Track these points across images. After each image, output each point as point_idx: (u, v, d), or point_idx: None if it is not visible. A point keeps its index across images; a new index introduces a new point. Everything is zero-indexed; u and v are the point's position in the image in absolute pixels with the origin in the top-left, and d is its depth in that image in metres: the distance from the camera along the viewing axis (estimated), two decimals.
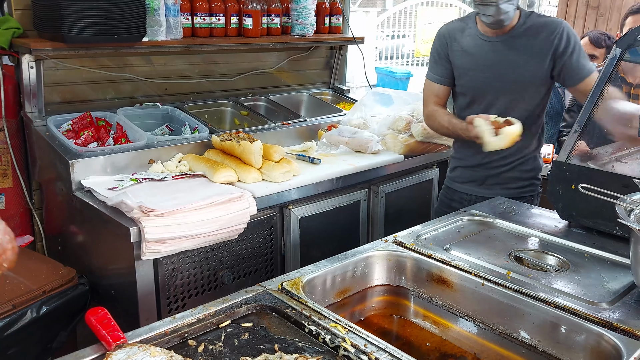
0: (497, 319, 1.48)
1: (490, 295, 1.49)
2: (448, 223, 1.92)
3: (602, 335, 1.29)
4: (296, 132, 2.93)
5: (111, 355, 1.11)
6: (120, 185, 2.17)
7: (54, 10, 2.26)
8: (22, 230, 2.62)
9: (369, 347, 1.20)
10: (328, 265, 1.58)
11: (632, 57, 1.91)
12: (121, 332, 1.17)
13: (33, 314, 1.98)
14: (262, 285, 1.44)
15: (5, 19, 2.44)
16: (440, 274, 1.60)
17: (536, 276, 1.56)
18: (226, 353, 1.20)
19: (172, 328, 1.25)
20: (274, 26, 3.06)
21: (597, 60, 3.49)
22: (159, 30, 2.57)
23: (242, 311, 1.34)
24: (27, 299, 1.99)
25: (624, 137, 2.05)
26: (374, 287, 1.68)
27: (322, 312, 1.32)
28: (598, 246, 1.74)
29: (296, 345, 1.23)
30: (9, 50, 2.43)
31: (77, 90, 2.72)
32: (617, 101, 2.01)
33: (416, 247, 1.70)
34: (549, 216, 1.99)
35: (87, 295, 2.16)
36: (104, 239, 2.20)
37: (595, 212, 1.80)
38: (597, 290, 1.48)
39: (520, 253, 1.70)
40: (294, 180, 2.39)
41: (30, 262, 2.24)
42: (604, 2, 5.22)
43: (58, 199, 2.44)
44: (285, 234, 2.42)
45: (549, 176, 1.92)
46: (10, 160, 2.54)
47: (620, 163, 1.98)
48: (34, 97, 2.48)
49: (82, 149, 2.29)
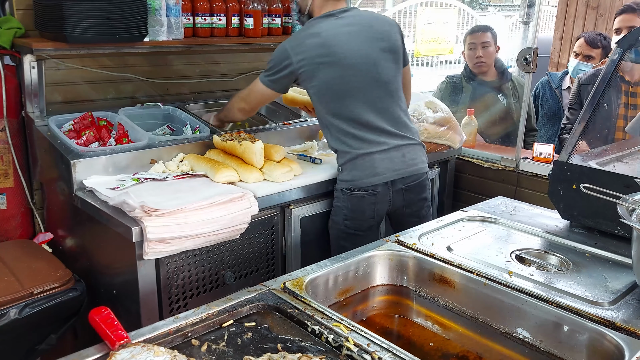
0: (499, 319, 1.48)
1: (492, 295, 1.50)
2: (450, 222, 1.92)
3: (604, 334, 1.30)
4: (297, 132, 2.93)
5: (115, 355, 1.11)
6: (122, 185, 2.17)
7: (55, 10, 2.26)
8: (24, 230, 2.62)
9: (372, 347, 1.20)
10: (330, 265, 1.58)
11: (633, 57, 1.92)
12: (125, 331, 1.17)
13: (15, 315, 1.98)
14: (265, 285, 1.45)
15: (6, 19, 2.44)
16: (442, 273, 1.61)
17: (538, 276, 1.56)
18: (229, 352, 1.20)
19: (176, 328, 1.25)
20: (274, 26, 3.06)
21: (594, 60, 3.51)
22: (160, 31, 2.57)
23: (245, 311, 1.35)
24: (11, 299, 1.99)
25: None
26: (376, 287, 1.68)
27: (324, 311, 1.33)
28: (599, 246, 1.74)
29: (299, 344, 1.23)
30: (11, 50, 2.43)
31: (79, 90, 2.72)
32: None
33: (418, 246, 1.71)
34: (550, 216, 1.99)
35: (81, 300, 2.16)
36: (105, 238, 2.20)
37: (596, 212, 1.81)
38: (599, 290, 1.48)
39: (522, 253, 1.71)
40: (295, 180, 2.40)
41: (35, 260, 2.25)
42: (604, 3, 5.23)
43: (59, 199, 2.44)
44: (287, 233, 2.42)
45: (550, 176, 1.93)
46: (11, 160, 2.54)
47: (622, 163, 1.99)
48: (36, 96, 2.49)
49: (84, 148, 2.29)
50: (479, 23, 9.55)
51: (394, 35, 2.43)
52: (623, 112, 3.08)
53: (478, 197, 2.99)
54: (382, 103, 2.38)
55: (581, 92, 3.37)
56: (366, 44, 2.35)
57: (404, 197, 2.43)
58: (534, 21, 3.08)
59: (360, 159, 2.34)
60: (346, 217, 2.36)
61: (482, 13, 12.53)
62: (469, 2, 12.16)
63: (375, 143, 2.35)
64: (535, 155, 3.03)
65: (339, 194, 2.38)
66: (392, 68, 2.41)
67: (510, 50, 7.13)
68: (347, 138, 2.35)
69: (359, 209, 2.34)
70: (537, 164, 3.01)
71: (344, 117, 2.34)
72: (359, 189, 2.33)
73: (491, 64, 3.57)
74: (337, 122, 2.35)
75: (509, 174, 3.12)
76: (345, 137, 2.35)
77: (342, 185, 2.37)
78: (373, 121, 2.35)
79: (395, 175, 2.37)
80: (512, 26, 10.34)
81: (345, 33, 2.33)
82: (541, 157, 3.01)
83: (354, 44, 2.32)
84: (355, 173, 2.34)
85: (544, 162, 2.98)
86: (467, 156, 3.31)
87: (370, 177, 2.33)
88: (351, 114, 2.33)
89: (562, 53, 5.56)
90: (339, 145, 2.37)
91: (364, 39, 2.35)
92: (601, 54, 3.53)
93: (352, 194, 2.34)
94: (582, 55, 3.53)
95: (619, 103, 3.07)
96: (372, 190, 2.34)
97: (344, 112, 2.34)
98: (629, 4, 3.31)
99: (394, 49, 2.41)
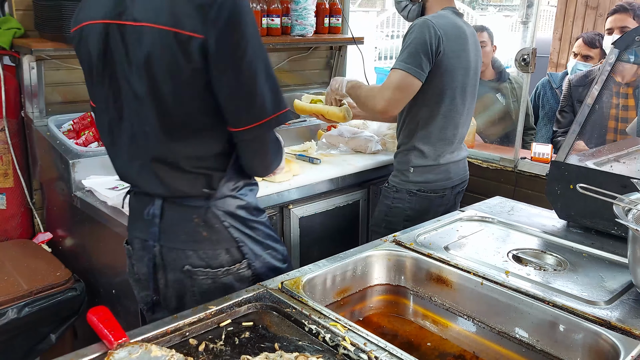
0: (495, 318, 1.49)
1: (489, 295, 1.50)
2: (447, 222, 1.93)
3: (600, 334, 1.30)
4: (296, 132, 2.94)
5: (113, 354, 1.11)
6: (121, 185, 2.17)
7: (54, 10, 2.27)
8: (23, 230, 2.63)
9: (369, 346, 1.20)
10: (328, 264, 1.59)
11: (630, 57, 1.92)
12: (123, 331, 1.17)
13: (14, 315, 1.99)
14: (263, 285, 1.45)
15: (6, 19, 2.45)
16: (440, 273, 1.61)
17: (535, 275, 1.57)
18: (227, 352, 1.21)
19: (173, 327, 1.26)
20: (273, 26, 3.07)
21: (593, 60, 3.51)
22: None
23: (243, 310, 1.35)
24: (11, 299, 2.00)
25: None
26: (374, 287, 1.69)
27: (322, 311, 1.33)
28: (596, 246, 1.75)
29: (296, 344, 1.24)
30: (10, 50, 2.44)
31: (78, 90, 2.72)
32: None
33: (415, 246, 1.71)
34: (547, 216, 2.00)
35: (80, 300, 2.17)
36: (104, 238, 2.20)
37: (593, 212, 1.81)
38: (596, 290, 1.49)
39: (519, 252, 1.71)
40: (294, 180, 2.40)
41: (35, 260, 2.26)
42: (603, 3, 5.23)
43: (59, 199, 2.45)
44: (285, 233, 2.43)
45: (548, 176, 1.93)
46: (11, 160, 2.54)
47: (619, 163, 1.99)
48: (35, 97, 2.49)
49: (83, 149, 2.30)
50: (479, 23, 9.56)
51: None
52: (614, 113, 3.09)
53: (476, 197, 2.99)
54: (469, 113, 2.40)
55: (572, 93, 3.37)
56: (475, 50, 2.32)
57: (456, 201, 2.48)
58: (532, 21, 3.08)
59: (438, 165, 2.33)
60: (408, 217, 2.33)
61: (482, 13, 12.53)
62: (469, 2, 12.16)
63: (456, 151, 2.37)
64: (534, 155, 3.03)
65: (404, 195, 2.33)
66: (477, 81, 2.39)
67: (510, 50, 7.13)
68: (433, 136, 2.28)
69: (425, 210, 2.33)
70: (535, 164, 3.02)
71: (442, 114, 2.27)
72: (431, 191, 2.33)
73: (488, 64, 3.57)
74: (433, 118, 2.26)
75: (507, 174, 3.13)
76: (433, 134, 2.28)
77: (412, 187, 2.33)
78: (461, 127, 2.35)
79: (459, 181, 2.43)
80: (512, 26, 10.34)
81: (466, 33, 2.28)
82: (539, 157, 3.01)
83: (472, 47, 2.30)
84: (428, 176, 2.32)
85: (542, 162, 2.98)
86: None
87: (445, 181, 2.35)
88: (449, 112, 2.28)
89: (562, 53, 5.56)
90: (420, 143, 2.30)
91: (474, 45, 2.32)
92: (600, 54, 3.53)
93: (423, 195, 2.33)
94: (581, 55, 3.53)
95: (614, 104, 3.07)
96: (442, 192, 2.35)
97: (443, 110, 2.26)
98: (621, 4, 3.30)
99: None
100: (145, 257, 1.58)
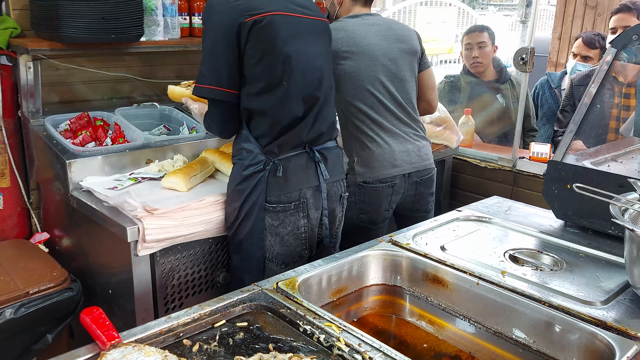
0: (492, 318, 1.48)
1: (485, 295, 1.50)
2: (443, 222, 1.92)
3: (596, 334, 1.30)
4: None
5: (106, 355, 1.11)
6: (120, 185, 2.17)
7: (51, 10, 2.26)
8: (20, 230, 2.63)
9: (363, 347, 1.20)
10: (324, 264, 1.58)
11: (628, 56, 1.91)
12: (116, 331, 1.17)
13: (10, 315, 1.99)
14: (258, 285, 1.45)
15: (2, 19, 2.45)
16: (436, 273, 1.61)
17: (531, 276, 1.56)
18: (221, 352, 1.21)
19: (167, 327, 1.25)
20: None
21: (592, 61, 3.50)
22: (157, 30, 2.57)
23: (238, 311, 1.35)
24: (7, 299, 2.00)
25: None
26: (370, 287, 1.68)
27: (316, 311, 1.33)
28: (593, 245, 1.75)
29: (291, 344, 1.23)
30: (7, 50, 2.43)
31: (75, 90, 2.72)
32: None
33: (412, 246, 1.71)
34: (544, 215, 2.00)
35: (77, 300, 2.16)
36: (101, 238, 2.20)
37: (590, 212, 1.81)
38: (592, 290, 1.49)
39: (515, 252, 1.71)
40: None
41: (31, 260, 2.25)
42: (602, 2, 5.22)
43: (56, 199, 2.44)
44: None
45: (545, 175, 1.93)
46: (7, 160, 2.54)
47: (616, 163, 1.99)
48: (32, 96, 2.48)
49: (80, 148, 2.29)
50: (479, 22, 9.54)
51: (413, 41, 2.49)
52: (616, 113, 3.08)
53: (475, 196, 2.99)
54: (401, 95, 2.42)
55: (574, 92, 3.37)
56: (386, 41, 2.41)
57: (417, 191, 2.45)
58: (531, 21, 3.07)
59: (378, 148, 2.35)
60: (362, 211, 2.36)
61: (482, 12, 12.51)
62: (469, 2, 12.15)
63: (393, 132, 2.38)
64: (532, 154, 3.03)
65: (353, 188, 2.35)
66: (409, 69, 2.45)
67: (509, 49, 7.12)
68: (365, 119, 2.35)
69: (377, 202, 2.34)
70: (533, 164, 3.02)
71: (365, 101, 2.36)
72: (377, 181, 2.34)
73: (488, 64, 3.57)
74: (357, 104, 2.36)
75: (506, 174, 3.13)
76: (365, 119, 2.35)
77: (357, 178, 2.36)
78: (392, 108, 2.39)
79: (412, 169, 2.41)
80: (512, 25, 10.33)
81: (367, 29, 2.40)
82: (538, 156, 3.01)
83: (375, 39, 2.39)
84: (372, 164, 2.34)
85: (540, 162, 2.98)
86: (464, 156, 3.31)
87: (390, 169, 2.35)
88: (371, 97, 2.36)
89: (561, 52, 5.55)
90: (355, 130, 2.37)
91: (384, 37, 2.41)
92: (599, 54, 3.53)
93: (369, 187, 2.34)
94: (580, 55, 3.53)
95: (612, 103, 3.07)
96: (390, 182, 2.34)
97: (364, 97, 2.36)
98: (624, 3, 3.30)
99: (412, 52, 2.46)
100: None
